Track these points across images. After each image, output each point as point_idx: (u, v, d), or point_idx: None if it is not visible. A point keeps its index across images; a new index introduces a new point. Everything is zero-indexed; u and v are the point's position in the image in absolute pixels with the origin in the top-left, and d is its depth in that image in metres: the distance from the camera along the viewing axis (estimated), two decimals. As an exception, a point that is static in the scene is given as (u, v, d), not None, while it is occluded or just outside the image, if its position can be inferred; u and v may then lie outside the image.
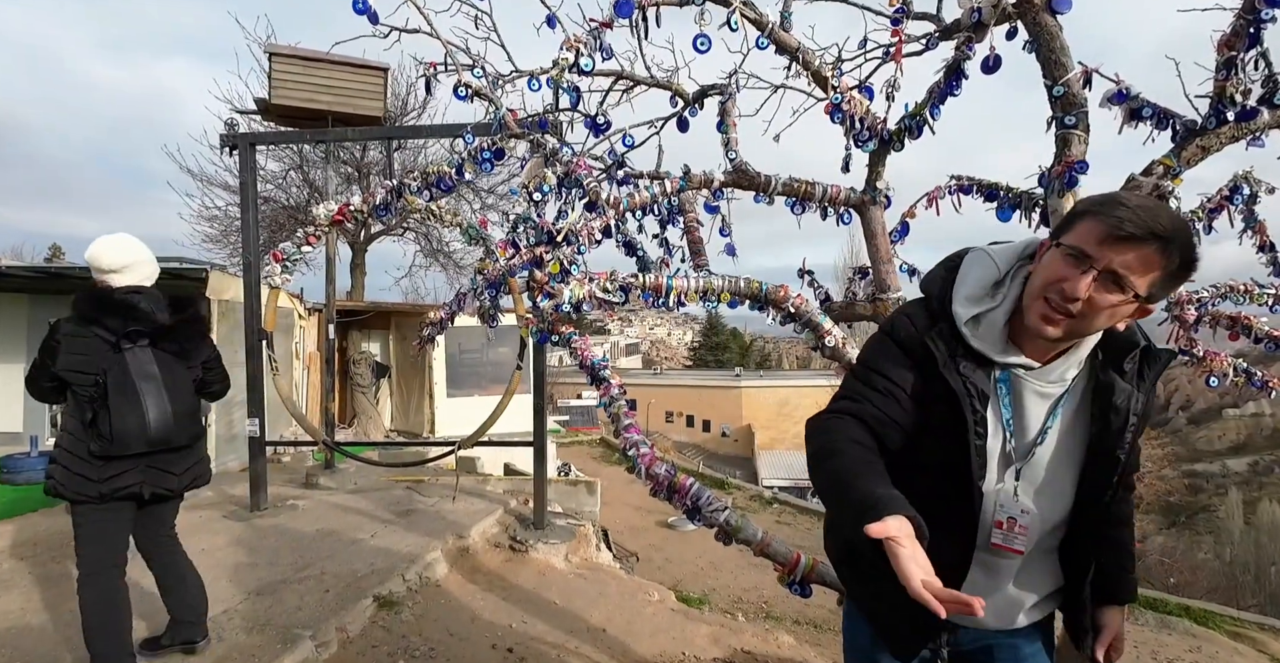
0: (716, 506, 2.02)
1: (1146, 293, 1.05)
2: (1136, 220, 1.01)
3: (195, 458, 2.62)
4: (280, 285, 4.66)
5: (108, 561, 2.47)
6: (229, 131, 5.02)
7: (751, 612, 6.63)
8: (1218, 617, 7.43)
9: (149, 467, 2.45)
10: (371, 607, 3.45)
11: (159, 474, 2.48)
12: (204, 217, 12.45)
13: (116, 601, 2.48)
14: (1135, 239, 1.01)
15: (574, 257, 2.32)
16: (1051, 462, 1.20)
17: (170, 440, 2.45)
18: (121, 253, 2.46)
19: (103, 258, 2.43)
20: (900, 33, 2.23)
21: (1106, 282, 1.03)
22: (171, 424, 2.43)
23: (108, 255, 2.44)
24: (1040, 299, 1.09)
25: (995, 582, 1.25)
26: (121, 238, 2.50)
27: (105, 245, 2.45)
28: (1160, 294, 1.08)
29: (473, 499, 5.37)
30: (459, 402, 10.03)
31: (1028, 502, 1.20)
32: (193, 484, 2.62)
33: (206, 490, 5.65)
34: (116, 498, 2.41)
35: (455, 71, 2.56)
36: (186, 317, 2.58)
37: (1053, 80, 1.99)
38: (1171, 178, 1.95)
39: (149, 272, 2.55)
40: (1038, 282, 1.11)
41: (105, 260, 2.43)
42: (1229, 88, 1.88)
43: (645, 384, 35.82)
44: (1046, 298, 1.08)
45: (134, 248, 2.50)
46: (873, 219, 2.51)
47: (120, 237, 2.50)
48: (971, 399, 1.14)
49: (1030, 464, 1.20)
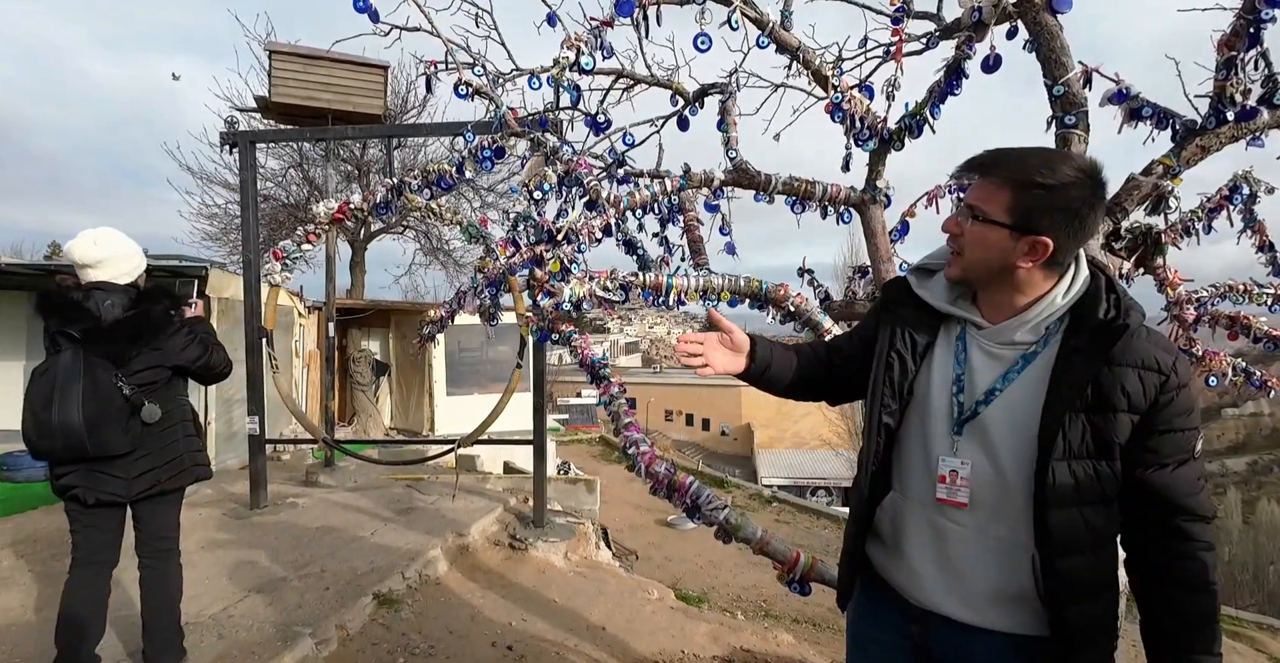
0: (716, 504, 2.02)
1: (1008, 219, 1.15)
2: (970, 160, 1.22)
3: (152, 464, 2.41)
4: (280, 283, 4.67)
5: (84, 558, 2.41)
6: (229, 129, 5.02)
7: (751, 610, 6.64)
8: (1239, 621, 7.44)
9: (89, 471, 2.30)
10: (371, 605, 3.46)
11: (100, 478, 2.32)
12: (204, 214, 12.44)
13: (86, 598, 2.40)
14: (968, 171, 1.22)
15: (574, 255, 2.32)
16: (1003, 427, 1.18)
17: (84, 451, 2.23)
18: (96, 247, 2.35)
19: (75, 251, 2.35)
20: (901, 32, 2.23)
21: (965, 215, 1.20)
22: (81, 435, 2.20)
23: (79, 249, 2.34)
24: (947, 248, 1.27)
25: (945, 548, 1.23)
26: (102, 231, 2.40)
27: (81, 239, 2.36)
28: (1036, 222, 1.14)
29: (472, 497, 5.37)
30: (459, 400, 10.04)
31: (969, 456, 1.20)
32: (154, 490, 2.42)
33: (206, 488, 5.66)
34: (69, 499, 2.34)
35: (456, 70, 2.56)
36: (127, 317, 2.34)
37: (1053, 80, 1.99)
38: (1171, 177, 1.96)
39: (128, 267, 2.43)
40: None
41: (78, 254, 2.35)
42: (1229, 88, 1.89)
43: (645, 383, 35.85)
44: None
45: (111, 242, 2.39)
46: (873, 218, 2.51)
47: (101, 230, 2.40)
48: (893, 338, 1.30)
49: (978, 424, 1.20)
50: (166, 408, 2.44)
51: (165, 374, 2.46)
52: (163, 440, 2.44)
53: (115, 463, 2.33)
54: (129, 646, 2.80)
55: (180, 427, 2.51)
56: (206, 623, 3.08)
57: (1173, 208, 2.06)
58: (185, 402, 2.59)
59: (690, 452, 29.46)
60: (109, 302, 2.33)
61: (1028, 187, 1.13)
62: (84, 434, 2.20)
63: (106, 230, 2.42)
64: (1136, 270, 2.16)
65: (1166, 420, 1.13)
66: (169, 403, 2.47)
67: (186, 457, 2.52)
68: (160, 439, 2.44)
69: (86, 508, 2.35)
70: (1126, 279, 2.14)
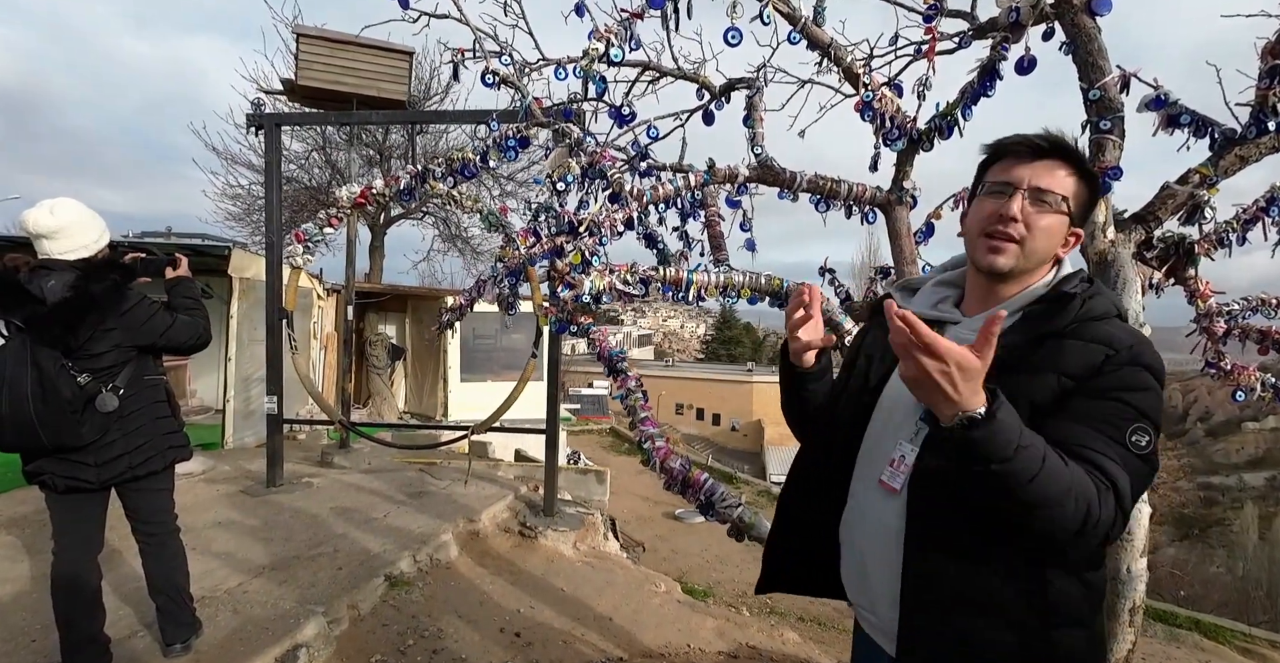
0: (730, 501, 2.03)
1: (1074, 209, 1.11)
2: (1027, 140, 1.12)
3: (123, 449, 2.31)
4: (302, 265, 4.71)
5: (63, 544, 2.36)
6: (255, 111, 5.06)
7: (756, 607, 6.65)
8: (1228, 632, 7.36)
9: (59, 459, 2.23)
10: (383, 586, 3.51)
11: (69, 465, 2.25)
12: (228, 195, 12.58)
13: (73, 586, 2.34)
14: (1038, 152, 1.11)
15: (595, 248, 2.32)
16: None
17: (41, 445, 2.14)
18: (53, 216, 2.20)
19: (30, 220, 2.19)
20: (934, 30, 2.20)
21: (1035, 200, 1.10)
22: (35, 430, 2.09)
23: (34, 217, 2.18)
24: (981, 237, 1.13)
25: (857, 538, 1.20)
26: (60, 201, 2.25)
27: (38, 207, 2.21)
28: (1081, 213, 1.14)
29: (484, 484, 5.42)
30: (472, 386, 10.12)
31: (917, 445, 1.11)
32: (127, 475, 2.34)
33: (224, 465, 5.77)
34: (41, 486, 2.29)
35: (483, 58, 2.56)
36: (66, 299, 2.16)
37: (1089, 83, 1.96)
38: (1208, 187, 1.92)
39: (86, 240, 2.26)
40: (973, 226, 1.16)
41: (32, 223, 2.18)
42: (1271, 97, 1.84)
43: (657, 376, 35.86)
44: (987, 234, 1.12)
45: (69, 211, 2.24)
46: (898, 219, 2.48)
47: (59, 200, 2.25)
48: (865, 337, 1.34)
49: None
50: (134, 390, 2.34)
51: (132, 354, 2.34)
52: (133, 424, 2.34)
53: (85, 450, 2.24)
54: (145, 617, 2.87)
55: (150, 408, 2.41)
56: (222, 598, 3.15)
57: (1208, 218, 2.01)
58: (157, 381, 2.47)
59: (700, 446, 29.49)
60: (51, 282, 2.16)
61: (1090, 178, 1.13)
62: (37, 429, 2.09)
63: (66, 200, 2.27)
64: (1167, 281, 2.12)
65: (1101, 389, 1.00)
66: (136, 384, 2.36)
67: (159, 440, 2.42)
68: (130, 423, 2.33)
69: (59, 495, 2.30)
70: (1156, 289, 2.10)
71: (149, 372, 2.44)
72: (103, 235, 2.34)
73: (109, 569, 2.91)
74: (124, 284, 2.33)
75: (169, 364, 2.76)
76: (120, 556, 3.48)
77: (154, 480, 2.47)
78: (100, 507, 2.41)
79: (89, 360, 2.24)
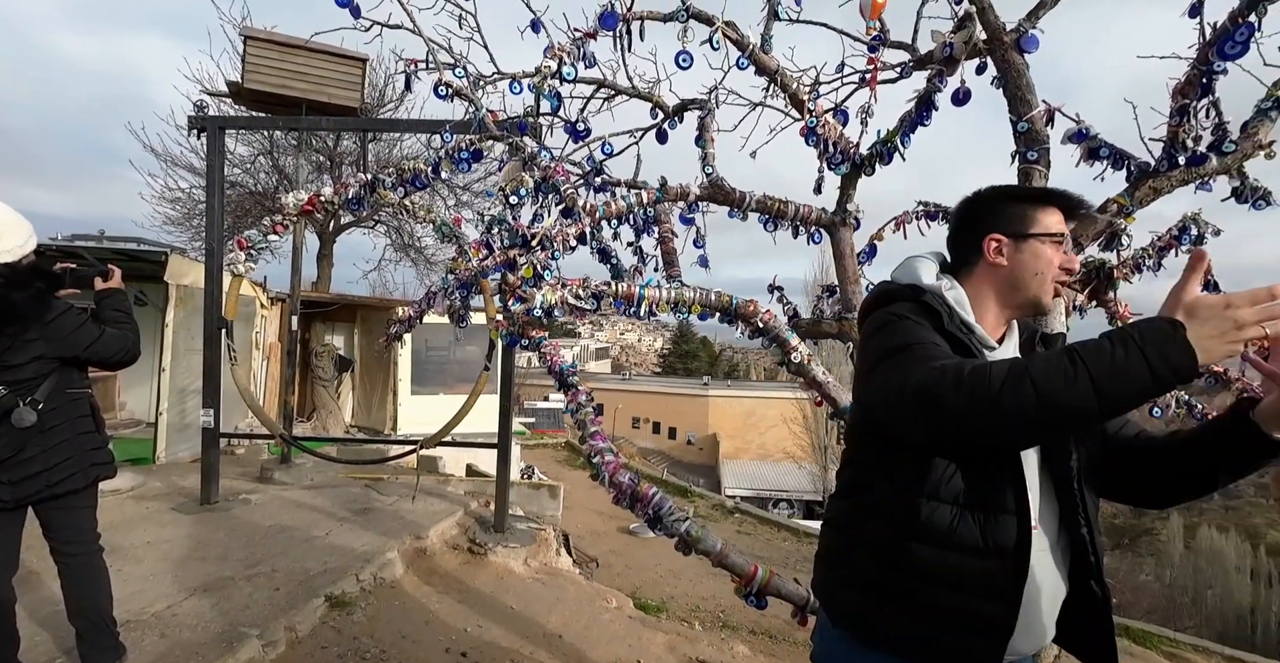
0: (678, 516, 2.04)
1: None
2: (1081, 203, 1.25)
3: (41, 466, 2.22)
4: (244, 273, 4.56)
5: None
6: (198, 114, 4.90)
7: (709, 620, 6.66)
8: (1155, 637, 7.71)
9: None
10: (323, 607, 3.39)
11: None
12: (166, 198, 12.05)
13: None
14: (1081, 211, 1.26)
15: (548, 262, 2.32)
16: None
17: None
18: None
19: None
20: (876, 61, 2.30)
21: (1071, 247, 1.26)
22: None
23: None
24: (1052, 282, 1.23)
25: (1046, 573, 1.15)
26: None
27: None
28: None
29: (433, 500, 5.30)
30: (423, 400, 9.90)
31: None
32: (44, 493, 2.23)
33: (155, 482, 5.50)
34: None
35: (436, 70, 2.55)
36: None
37: (1018, 116, 2.07)
38: (1125, 216, 2.04)
39: (9, 244, 2.15)
40: (1047, 271, 1.22)
41: None
42: (1181, 133, 1.98)
43: (613, 389, 35.77)
44: (1057, 280, 1.24)
45: None
46: (842, 240, 2.57)
47: None
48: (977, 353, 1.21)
49: None
50: (55, 404, 2.24)
51: (54, 365, 2.24)
52: (53, 439, 2.24)
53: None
54: (64, 643, 2.70)
55: (72, 423, 2.30)
56: (149, 622, 2.99)
57: (1125, 245, 2.14)
58: (81, 394, 2.37)
59: (656, 460, 29.48)
60: None
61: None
62: None
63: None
64: (1089, 303, 2.24)
65: None
66: (57, 398, 2.26)
67: (80, 456, 2.31)
68: (50, 438, 2.23)
69: None
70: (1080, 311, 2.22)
71: (72, 385, 2.33)
72: (29, 240, 2.22)
73: (24, 592, 2.75)
74: (49, 293, 2.22)
75: (97, 376, 2.62)
76: (38, 577, 3.27)
77: (74, 499, 2.34)
78: (15, 526, 2.27)
79: (7, 372, 2.13)
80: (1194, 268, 0.95)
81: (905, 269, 1.31)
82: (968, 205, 1.32)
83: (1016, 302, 1.25)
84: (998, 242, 1.23)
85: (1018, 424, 0.95)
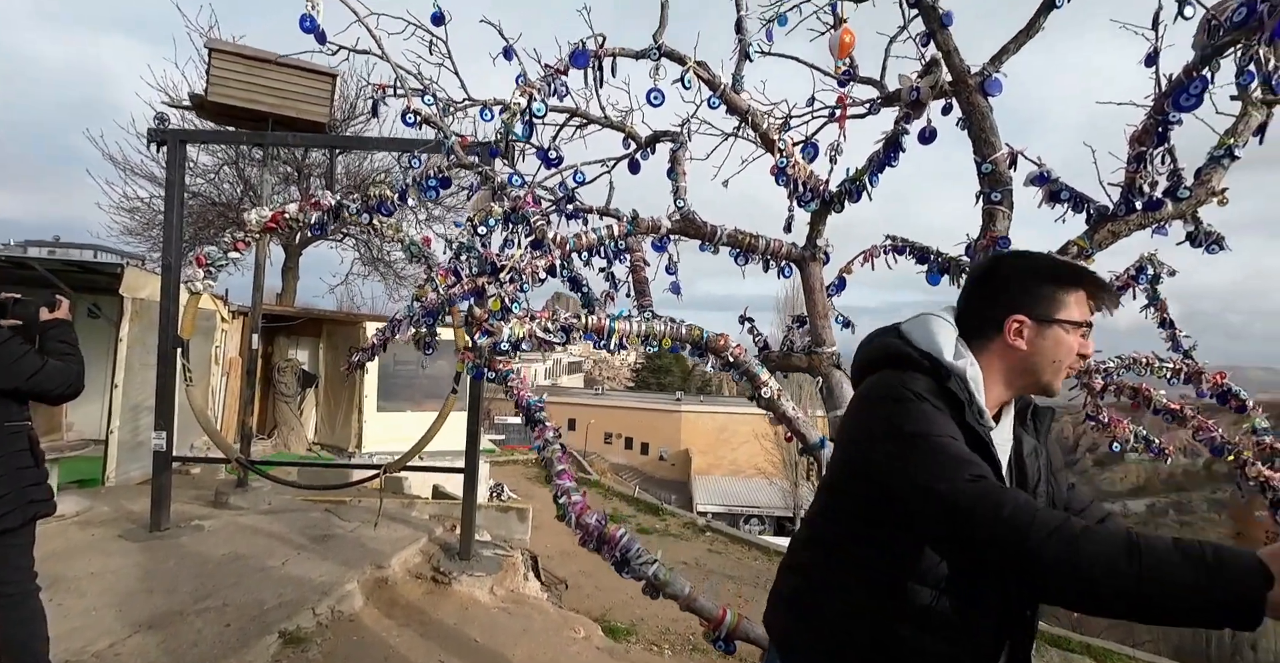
0: (645, 558, 2.00)
1: None
2: (1110, 292, 1.23)
3: None
4: (202, 291, 4.42)
5: None
6: (159, 126, 4.77)
7: (679, 643, 6.57)
8: (1115, 655, 7.84)
9: None
10: (276, 644, 3.25)
11: None
12: (124, 207, 11.67)
13: None
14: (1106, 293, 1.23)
15: (516, 294, 2.28)
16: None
17: None
18: None
19: None
20: (845, 98, 2.32)
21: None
22: None
23: None
24: (1066, 368, 1.21)
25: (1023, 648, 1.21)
26: None
27: None
28: None
29: (396, 525, 5.16)
30: (390, 417, 9.67)
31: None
32: None
33: (103, 506, 5.25)
34: None
35: (405, 97, 2.51)
36: None
37: (982, 157, 2.11)
38: (1085, 258, 2.09)
39: None
40: (1065, 359, 1.19)
41: None
42: (1138, 179, 2.04)
43: (586, 404, 35.60)
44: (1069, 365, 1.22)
45: None
46: (812, 275, 2.58)
47: None
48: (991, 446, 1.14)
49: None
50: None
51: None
52: None
53: None
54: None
55: (10, 458, 2.21)
56: (89, 662, 2.83)
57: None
58: (20, 427, 2.29)
59: (628, 475, 29.30)
60: None
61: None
62: None
63: None
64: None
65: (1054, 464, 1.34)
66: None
67: (17, 493, 2.22)
68: None
69: None
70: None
71: (11, 418, 2.24)
72: None
73: (-52, 637, 2.57)
74: None
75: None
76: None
77: (10, 537, 2.23)
78: None
79: None
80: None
81: (923, 331, 1.21)
82: (991, 272, 1.24)
83: (1024, 383, 1.21)
84: (1020, 323, 1.17)
85: (1041, 577, 0.91)
